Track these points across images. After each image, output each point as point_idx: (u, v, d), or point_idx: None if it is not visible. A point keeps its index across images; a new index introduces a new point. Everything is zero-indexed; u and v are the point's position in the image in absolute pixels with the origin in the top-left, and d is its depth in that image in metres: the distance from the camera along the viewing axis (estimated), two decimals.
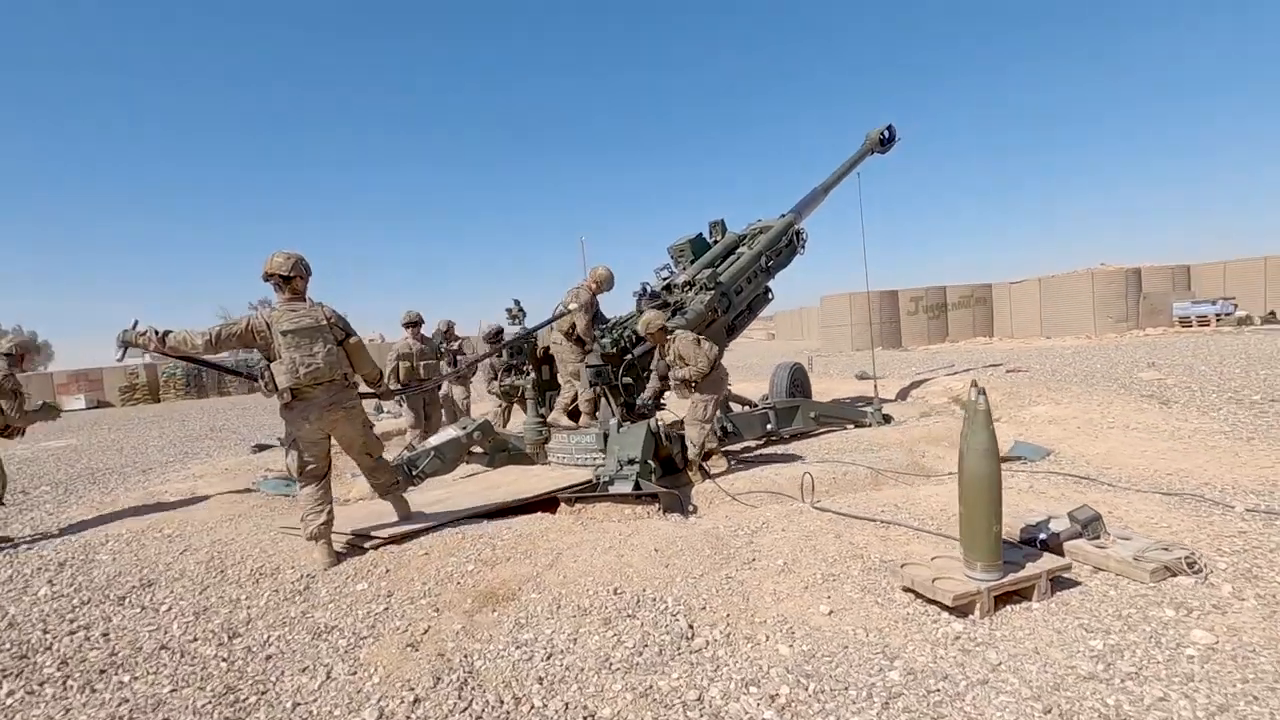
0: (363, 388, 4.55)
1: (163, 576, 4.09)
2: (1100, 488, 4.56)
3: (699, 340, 5.80)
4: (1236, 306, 20.19)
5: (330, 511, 4.14)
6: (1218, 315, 19.80)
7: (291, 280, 4.02)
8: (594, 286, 6.62)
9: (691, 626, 2.92)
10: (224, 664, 2.94)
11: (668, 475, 5.81)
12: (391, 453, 6.09)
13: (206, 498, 6.29)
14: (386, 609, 3.37)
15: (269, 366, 3.98)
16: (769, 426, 7.20)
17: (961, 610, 2.86)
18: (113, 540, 4.97)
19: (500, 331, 7.88)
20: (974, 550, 2.92)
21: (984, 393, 2.91)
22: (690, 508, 5.05)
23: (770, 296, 8.46)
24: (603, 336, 6.26)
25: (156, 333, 3.77)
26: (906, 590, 3.08)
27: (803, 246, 8.70)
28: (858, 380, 13.26)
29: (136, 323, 3.75)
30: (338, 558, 4.03)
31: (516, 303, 7.50)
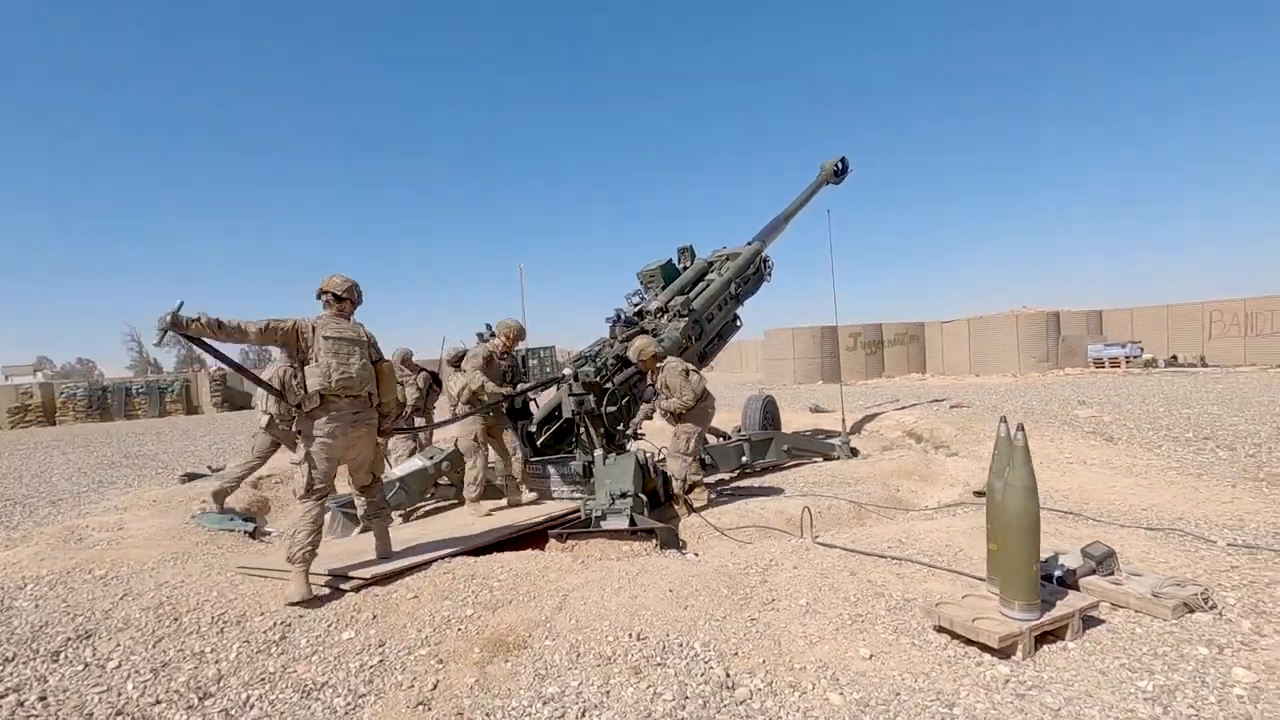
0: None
1: (102, 626, 3.58)
2: (1086, 523, 4.67)
3: (688, 372, 5.69)
4: (1143, 350, 21.78)
5: (319, 538, 3.85)
6: (1127, 358, 21.28)
7: (343, 301, 4.11)
8: (505, 340, 6.17)
9: (729, 674, 2.74)
10: None
11: (653, 509, 5.62)
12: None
13: (136, 534, 5.66)
14: (382, 661, 3.03)
15: (298, 371, 3.86)
16: (743, 459, 7.13)
17: (1004, 652, 2.80)
18: (31, 584, 4.35)
19: (465, 354, 7.54)
20: (1012, 589, 2.88)
21: (1023, 429, 2.90)
22: (680, 543, 4.89)
23: (739, 324, 8.49)
24: (584, 364, 6.06)
25: (210, 317, 3.53)
26: (940, 631, 3.01)
27: (769, 274, 8.82)
28: (811, 413, 13.46)
29: (182, 304, 3.39)
30: (313, 595, 3.67)
31: (488, 326, 7.19)
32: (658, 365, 5.80)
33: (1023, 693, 2.53)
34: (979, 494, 5.79)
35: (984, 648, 2.83)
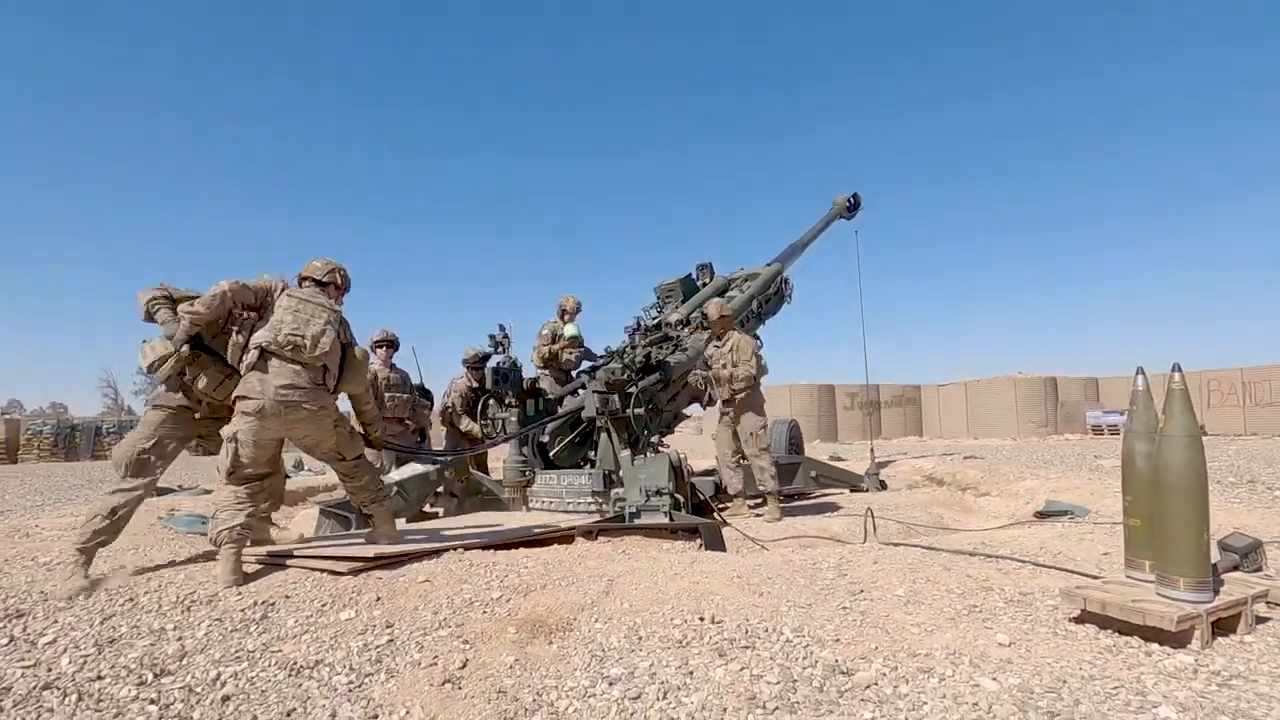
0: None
1: (39, 607, 2.91)
2: None
3: (757, 349, 5.44)
4: None
5: (250, 516, 3.28)
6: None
7: (325, 286, 3.65)
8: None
9: (838, 660, 2.16)
10: (153, 707, 1.92)
11: None
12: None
13: None
14: (391, 641, 2.41)
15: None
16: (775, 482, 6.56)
17: (1179, 639, 2.25)
18: None
19: (485, 358, 7.01)
20: (1177, 564, 2.35)
21: (1179, 368, 2.44)
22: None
23: (760, 343, 8.09)
24: (610, 360, 5.58)
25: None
26: (1083, 621, 2.46)
27: (790, 296, 8.50)
28: (829, 460, 12.91)
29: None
30: (244, 576, 3.09)
31: (501, 328, 6.71)
32: (731, 330, 5.81)
33: (1226, 681, 1.98)
34: (1042, 514, 5.27)
35: (1149, 636, 2.28)
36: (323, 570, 3.13)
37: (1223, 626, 2.41)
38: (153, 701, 1.97)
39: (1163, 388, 2.41)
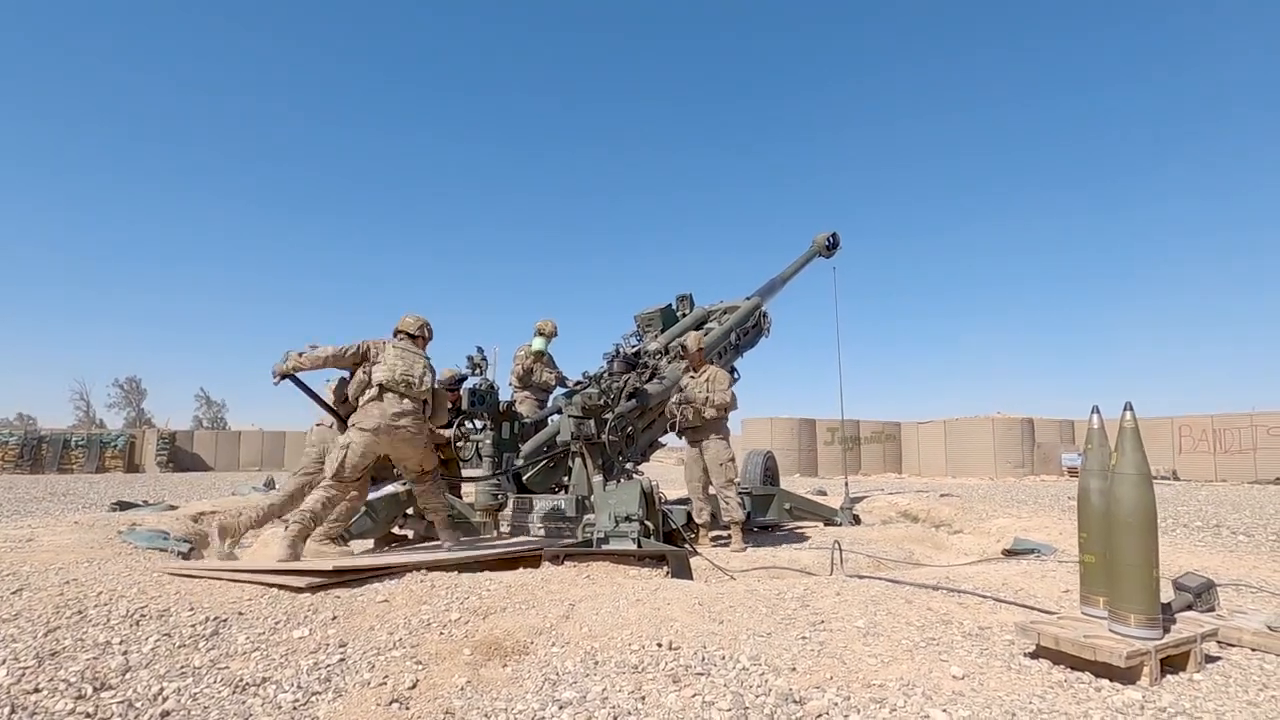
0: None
1: None
2: None
3: (730, 383, 5.56)
4: None
5: (324, 509, 4.01)
6: None
7: (416, 339, 4.49)
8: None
9: (792, 689, 2.16)
10: None
11: None
12: None
13: (48, 544, 4.81)
14: (343, 660, 2.37)
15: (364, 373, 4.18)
16: (746, 512, 6.56)
17: (1128, 675, 2.27)
18: None
19: (462, 380, 6.99)
20: (1128, 600, 2.39)
21: (1131, 408, 2.51)
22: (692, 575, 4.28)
23: (737, 376, 8.15)
24: (587, 386, 5.59)
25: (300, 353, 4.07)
26: (1038, 656, 2.47)
27: (768, 329, 8.58)
28: (815, 496, 12.92)
29: (288, 354, 4.03)
30: (297, 556, 3.74)
31: (480, 350, 6.72)
32: (706, 362, 5.95)
33: (1172, 718, 2.01)
34: (1010, 552, 5.30)
35: (1100, 671, 2.30)
36: (280, 586, 3.08)
37: (1173, 664, 2.44)
38: (89, 716, 1.92)
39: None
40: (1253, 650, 2.67)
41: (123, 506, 7.60)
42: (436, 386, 4.42)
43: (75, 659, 2.34)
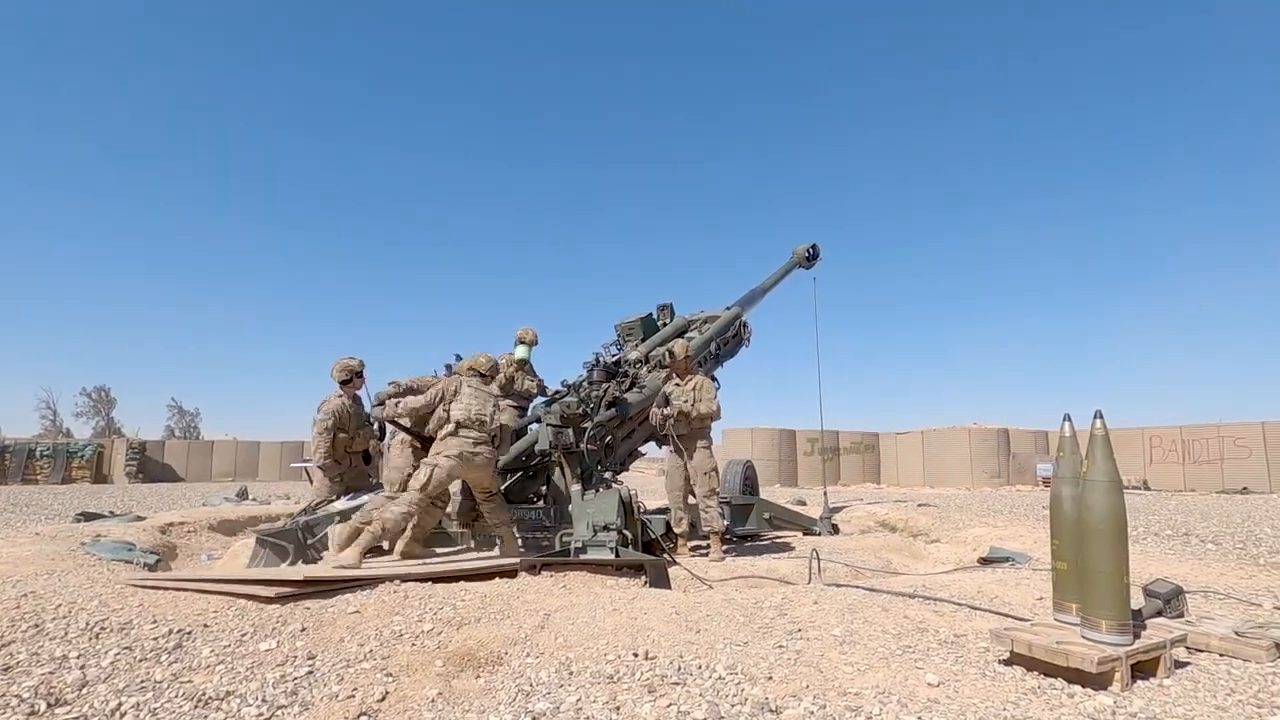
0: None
1: None
2: None
3: (715, 392, 5.68)
4: None
5: (404, 519, 4.42)
6: None
7: (485, 377, 5.07)
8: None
9: (768, 698, 2.15)
10: None
11: None
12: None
13: (6, 556, 4.66)
14: (311, 673, 2.32)
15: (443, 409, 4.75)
16: (724, 522, 6.55)
17: (1100, 680, 2.29)
18: None
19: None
20: (1099, 606, 2.41)
21: (1101, 415, 2.55)
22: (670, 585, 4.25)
23: (717, 385, 8.16)
24: (566, 394, 5.56)
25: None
26: (1012, 663, 2.49)
27: (748, 339, 8.62)
28: (795, 506, 12.94)
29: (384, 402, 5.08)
30: (361, 566, 3.85)
31: (458, 357, 6.66)
32: (691, 372, 5.94)
33: None
34: (985, 560, 5.35)
35: (1072, 678, 2.32)
36: (249, 597, 3.01)
37: (1143, 669, 2.47)
38: None
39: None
40: (1220, 655, 2.71)
41: (87, 518, 7.40)
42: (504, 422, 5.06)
43: (29, 674, 2.26)
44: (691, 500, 5.89)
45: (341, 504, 5.49)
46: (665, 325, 8.22)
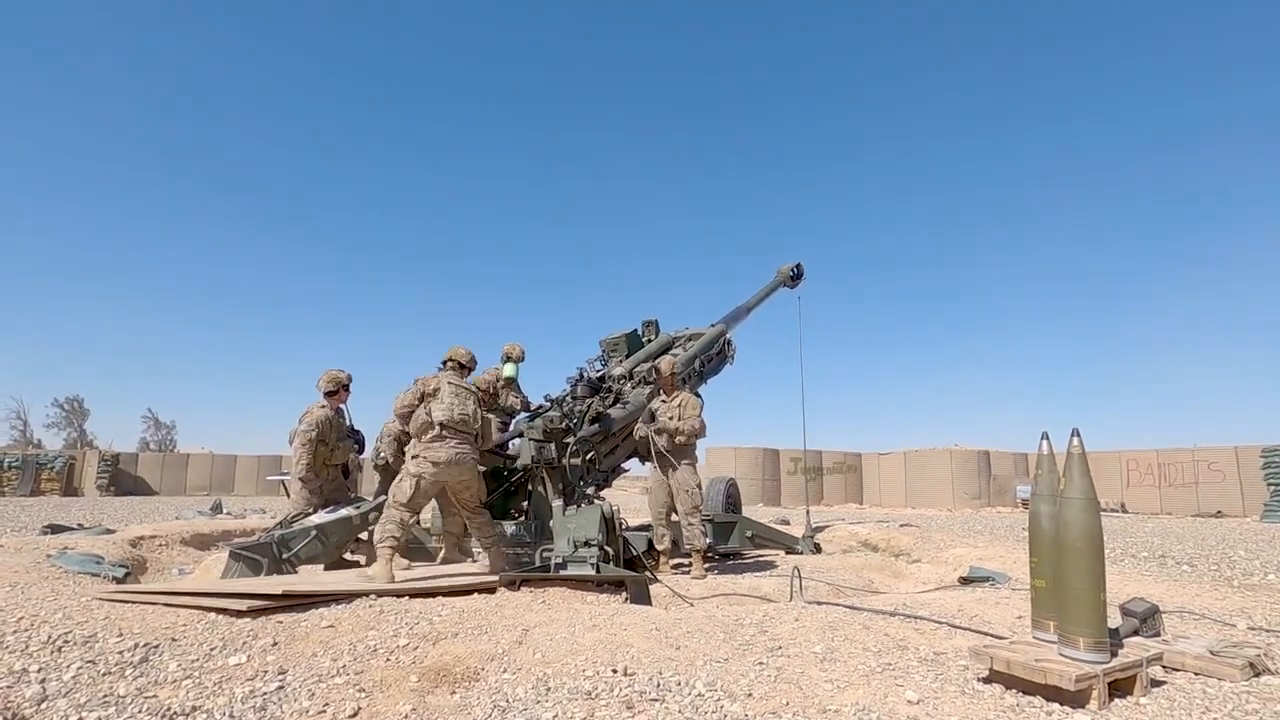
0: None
1: None
2: None
3: (701, 409, 5.66)
4: None
5: (402, 538, 4.36)
6: None
7: (464, 368, 5.05)
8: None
9: (747, 714, 2.13)
10: None
11: None
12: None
13: None
14: (281, 689, 2.26)
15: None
16: (707, 540, 6.52)
17: (1077, 699, 2.29)
18: None
19: None
20: (1076, 623, 2.42)
21: (1078, 434, 2.58)
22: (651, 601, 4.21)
23: (701, 401, 8.17)
24: (549, 409, 5.54)
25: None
26: (991, 680, 2.49)
27: (732, 357, 8.66)
28: (778, 525, 12.92)
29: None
30: (394, 576, 3.93)
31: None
32: (676, 388, 5.97)
33: None
34: (966, 580, 5.36)
35: (1051, 695, 2.32)
36: (220, 610, 2.94)
37: (1120, 688, 2.47)
38: None
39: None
40: (1196, 674, 2.73)
41: (55, 530, 7.22)
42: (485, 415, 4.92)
43: None
44: (674, 517, 5.86)
45: (318, 518, 5.40)
46: (650, 341, 8.24)
